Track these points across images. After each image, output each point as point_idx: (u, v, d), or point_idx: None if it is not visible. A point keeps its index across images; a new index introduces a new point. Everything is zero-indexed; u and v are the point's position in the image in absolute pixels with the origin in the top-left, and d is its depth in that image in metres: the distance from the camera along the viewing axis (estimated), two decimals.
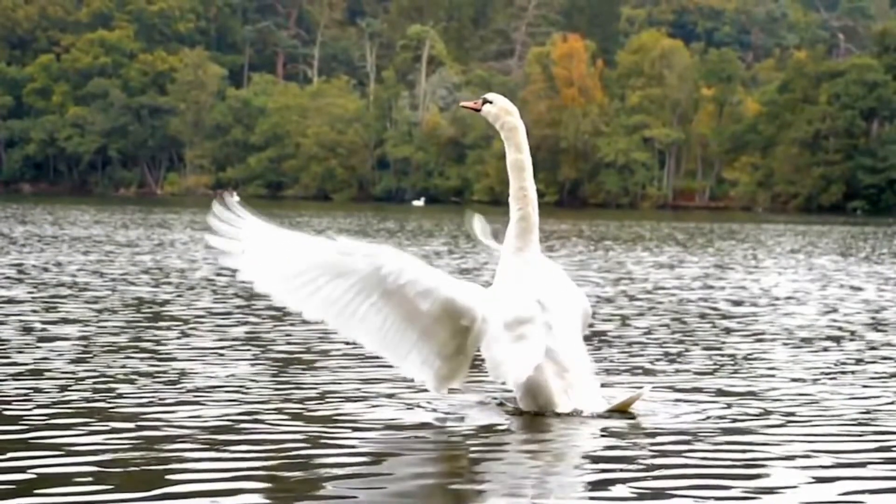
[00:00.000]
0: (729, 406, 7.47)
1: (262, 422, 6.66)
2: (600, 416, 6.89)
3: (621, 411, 6.98)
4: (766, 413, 7.26)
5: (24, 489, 5.15)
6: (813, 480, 5.60)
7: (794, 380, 8.64)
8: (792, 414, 7.25)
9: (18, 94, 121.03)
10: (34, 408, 6.94)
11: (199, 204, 76.57)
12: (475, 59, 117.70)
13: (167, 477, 5.39)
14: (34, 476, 5.39)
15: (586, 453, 6.17)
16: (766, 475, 5.67)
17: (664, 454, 6.09)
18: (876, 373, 9.10)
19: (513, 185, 7.23)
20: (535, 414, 6.95)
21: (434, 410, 7.09)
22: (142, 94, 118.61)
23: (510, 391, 7.10)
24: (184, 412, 6.88)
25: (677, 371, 9.00)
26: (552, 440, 6.45)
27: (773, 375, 8.84)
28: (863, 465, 5.97)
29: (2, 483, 5.24)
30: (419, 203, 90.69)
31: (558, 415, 6.90)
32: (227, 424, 6.56)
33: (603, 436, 6.52)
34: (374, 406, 7.20)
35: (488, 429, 6.71)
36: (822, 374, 8.98)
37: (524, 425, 6.79)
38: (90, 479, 5.34)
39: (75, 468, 5.52)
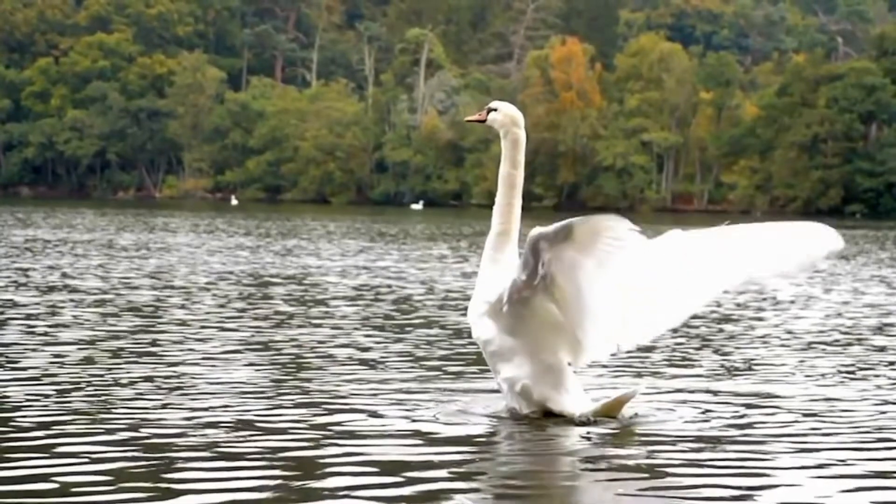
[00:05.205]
0: (737, 411, 7.41)
1: (264, 428, 6.61)
2: (595, 417, 6.84)
3: (614, 410, 6.91)
4: (777, 418, 7.21)
5: (26, 496, 5.10)
6: (828, 488, 5.54)
7: (802, 384, 8.58)
8: (801, 419, 7.19)
9: (17, 97, 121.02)
10: (37, 414, 6.88)
11: (197, 207, 76.54)
12: (474, 63, 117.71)
13: (169, 483, 5.34)
14: (36, 481, 5.33)
15: (589, 458, 6.11)
16: (778, 483, 5.61)
17: (671, 460, 6.03)
18: (890, 378, 9.03)
19: (500, 197, 7.11)
20: (530, 416, 6.92)
21: (434, 417, 7.02)
22: (140, 98, 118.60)
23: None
24: (186, 417, 6.83)
25: (684, 375, 8.95)
26: (554, 445, 6.40)
27: (781, 380, 8.79)
28: (883, 475, 5.88)
29: (3, 490, 5.18)
30: (417, 206, 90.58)
31: (555, 417, 6.85)
32: (229, 429, 6.51)
33: (608, 442, 6.46)
34: (375, 411, 7.14)
35: (490, 434, 6.66)
36: (832, 378, 8.92)
37: (525, 428, 6.73)
38: (92, 484, 5.29)
39: (78, 477, 5.46)
